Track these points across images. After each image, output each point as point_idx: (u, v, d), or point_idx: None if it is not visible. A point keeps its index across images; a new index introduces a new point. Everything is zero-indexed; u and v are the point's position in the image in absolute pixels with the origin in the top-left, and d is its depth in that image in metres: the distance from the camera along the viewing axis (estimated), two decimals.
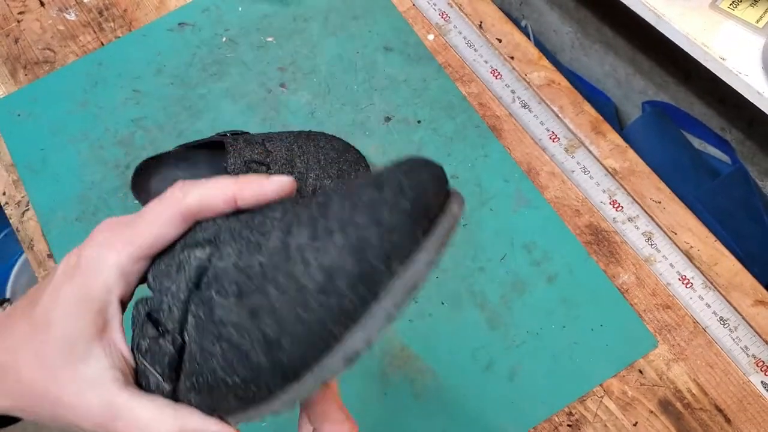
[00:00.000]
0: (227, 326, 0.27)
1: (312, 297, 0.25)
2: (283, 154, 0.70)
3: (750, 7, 0.64)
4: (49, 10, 0.90)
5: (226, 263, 0.28)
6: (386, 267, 0.25)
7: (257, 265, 0.27)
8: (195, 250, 0.29)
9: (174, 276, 0.29)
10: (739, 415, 0.63)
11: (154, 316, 0.29)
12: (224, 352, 0.27)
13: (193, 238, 0.30)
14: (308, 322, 0.26)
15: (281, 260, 0.27)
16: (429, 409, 0.65)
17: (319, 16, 0.86)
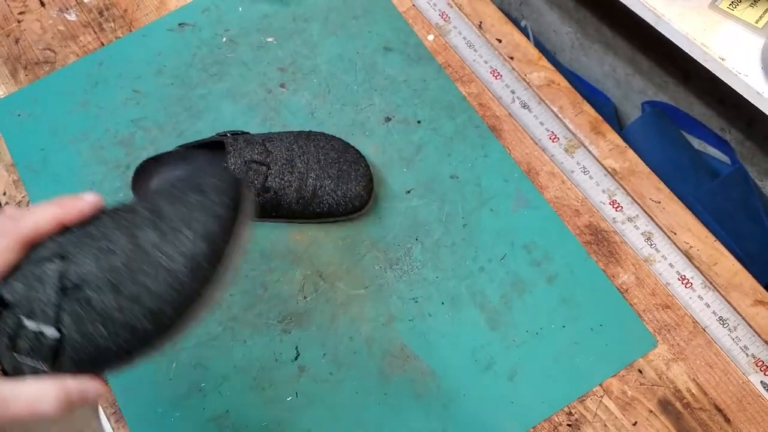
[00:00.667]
0: (112, 312, 0.37)
1: (183, 275, 0.37)
2: (283, 154, 0.70)
3: (750, 7, 0.64)
4: (49, 11, 0.90)
5: (87, 269, 0.37)
6: (225, 242, 0.38)
7: (120, 264, 0.37)
8: (48, 264, 0.37)
9: (37, 287, 0.36)
10: (738, 415, 0.63)
11: (24, 322, 0.36)
12: (111, 331, 0.37)
13: (38, 255, 0.37)
14: (182, 293, 0.37)
15: (141, 256, 0.37)
16: (429, 409, 0.65)
17: (319, 16, 0.86)
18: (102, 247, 0.38)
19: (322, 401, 0.66)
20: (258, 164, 0.69)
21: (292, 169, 0.69)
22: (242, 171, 0.68)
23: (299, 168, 0.70)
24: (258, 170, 0.69)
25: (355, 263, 0.71)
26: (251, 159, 0.69)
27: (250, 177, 0.68)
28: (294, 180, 0.69)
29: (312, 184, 0.69)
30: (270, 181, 0.68)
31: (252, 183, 0.68)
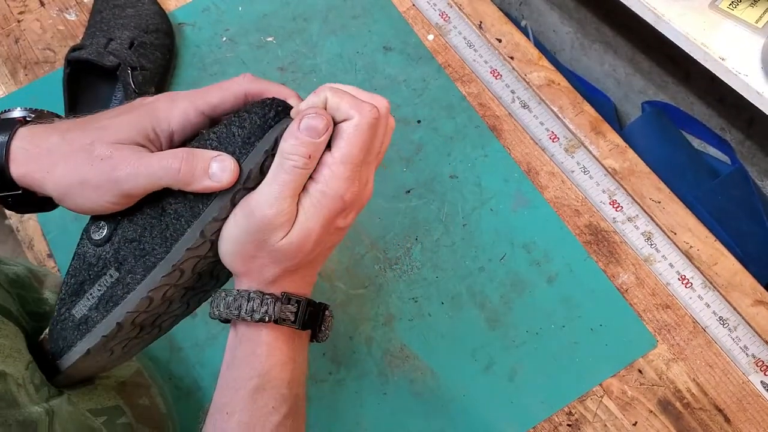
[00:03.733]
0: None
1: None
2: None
3: (750, 7, 0.64)
4: (49, 10, 0.90)
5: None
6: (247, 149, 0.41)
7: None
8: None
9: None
10: (738, 415, 0.63)
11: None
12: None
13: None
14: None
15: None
16: (429, 409, 0.65)
17: (319, 15, 0.86)
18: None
19: (322, 401, 0.66)
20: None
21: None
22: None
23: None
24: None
25: (355, 263, 0.71)
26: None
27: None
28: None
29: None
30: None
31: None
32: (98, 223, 0.42)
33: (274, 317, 0.41)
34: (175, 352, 0.68)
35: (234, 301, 0.41)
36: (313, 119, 0.38)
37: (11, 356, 0.42)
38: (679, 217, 0.72)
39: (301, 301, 0.42)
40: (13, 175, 0.41)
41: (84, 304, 0.43)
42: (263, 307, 0.41)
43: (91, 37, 0.79)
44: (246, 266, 0.41)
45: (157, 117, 0.41)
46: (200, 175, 0.39)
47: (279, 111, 0.41)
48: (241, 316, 0.41)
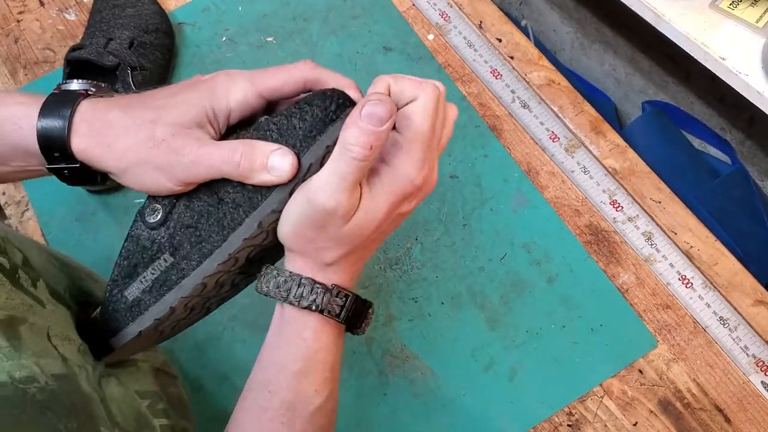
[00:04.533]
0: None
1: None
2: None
3: (750, 6, 0.63)
4: (48, 10, 0.90)
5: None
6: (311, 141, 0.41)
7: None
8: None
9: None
10: (739, 415, 0.63)
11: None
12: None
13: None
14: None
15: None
16: (429, 409, 0.65)
17: (319, 15, 0.86)
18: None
19: None
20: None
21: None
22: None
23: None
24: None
25: None
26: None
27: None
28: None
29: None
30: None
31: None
32: (153, 206, 0.42)
33: (321, 307, 0.41)
34: (177, 352, 0.68)
35: (284, 282, 0.41)
36: (375, 106, 0.36)
37: (67, 339, 0.42)
38: (679, 217, 0.72)
39: (350, 295, 0.42)
40: (74, 148, 0.40)
41: (137, 286, 0.43)
42: (312, 295, 0.41)
43: (91, 36, 0.79)
44: (303, 247, 0.41)
45: (217, 96, 0.41)
46: (259, 168, 0.39)
47: (340, 104, 0.40)
48: (289, 300, 0.41)
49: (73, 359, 0.41)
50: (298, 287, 0.41)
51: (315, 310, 0.41)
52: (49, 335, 0.40)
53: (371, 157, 0.37)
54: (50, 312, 0.43)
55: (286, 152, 0.39)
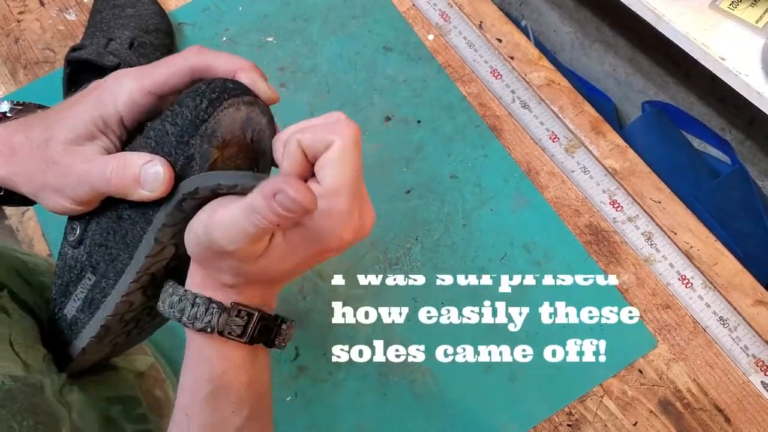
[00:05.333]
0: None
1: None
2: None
3: (750, 7, 0.64)
4: (49, 10, 0.90)
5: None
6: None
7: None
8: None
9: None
10: (738, 415, 0.63)
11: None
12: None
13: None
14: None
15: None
16: (429, 409, 0.65)
17: (319, 16, 0.86)
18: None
19: (321, 401, 0.65)
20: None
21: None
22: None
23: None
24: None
25: (355, 263, 0.71)
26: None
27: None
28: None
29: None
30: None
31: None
32: (72, 224, 0.42)
33: (218, 329, 0.37)
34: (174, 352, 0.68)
35: (178, 302, 0.37)
36: (290, 194, 0.31)
37: (33, 348, 0.42)
38: (679, 217, 0.72)
39: (254, 314, 0.38)
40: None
41: (72, 305, 0.42)
42: (207, 316, 0.37)
43: (91, 37, 0.79)
44: (205, 262, 0.37)
45: (104, 104, 0.38)
46: (132, 184, 0.36)
47: (213, 99, 0.36)
48: (183, 321, 0.37)
49: (36, 366, 0.41)
50: (192, 307, 0.37)
51: (212, 332, 0.37)
52: (11, 342, 0.40)
53: (280, 227, 0.33)
54: (16, 321, 0.43)
55: (157, 164, 0.36)
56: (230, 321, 0.37)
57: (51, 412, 0.39)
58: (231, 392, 0.38)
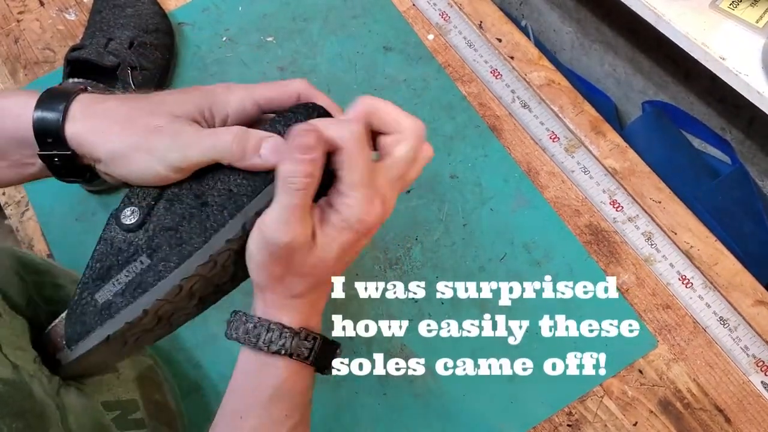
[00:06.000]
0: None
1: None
2: None
3: (750, 7, 0.64)
4: (48, 10, 0.90)
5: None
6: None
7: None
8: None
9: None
10: (739, 415, 0.63)
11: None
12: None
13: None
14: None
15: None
16: (429, 409, 0.65)
17: (319, 15, 0.86)
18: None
19: (322, 401, 0.65)
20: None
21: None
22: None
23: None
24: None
25: (355, 263, 0.71)
26: None
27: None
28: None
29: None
30: None
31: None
32: (130, 208, 0.43)
33: (290, 351, 0.42)
34: (174, 352, 0.68)
35: (254, 328, 0.42)
36: (301, 136, 0.38)
37: (21, 349, 0.42)
38: (679, 217, 0.72)
39: (318, 338, 0.43)
40: (67, 134, 0.41)
41: (109, 289, 0.42)
42: (281, 340, 0.42)
43: (91, 36, 0.79)
44: (272, 283, 0.42)
45: (216, 99, 0.42)
46: (251, 151, 0.40)
47: (321, 114, 0.42)
48: (258, 346, 0.42)
49: (27, 368, 0.41)
50: (267, 332, 0.42)
51: (284, 354, 0.42)
52: (0, 344, 0.41)
53: (312, 182, 0.39)
54: (6, 322, 0.43)
55: (278, 140, 0.40)
56: (300, 344, 0.43)
57: (41, 415, 0.39)
58: (289, 397, 0.43)
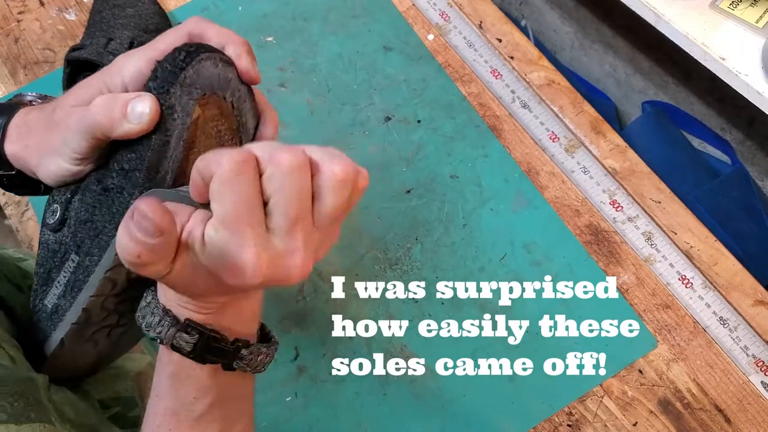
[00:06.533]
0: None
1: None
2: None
3: (750, 7, 0.64)
4: (48, 10, 0.90)
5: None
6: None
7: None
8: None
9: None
10: (739, 415, 0.63)
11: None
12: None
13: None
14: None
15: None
16: (429, 409, 0.65)
17: (319, 15, 0.86)
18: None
19: (321, 401, 0.66)
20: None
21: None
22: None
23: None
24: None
25: (355, 263, 0.71)
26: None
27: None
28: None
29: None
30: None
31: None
32: (51, 207, 0.42)
33: (167, 342, 0.37)
34: None
35: (141, 308, 0.38)
36: (141, 221, 0.32)
37: (16, 346, 0.42)
38: (679, 217, 0.72)
39: (205, 333, 0.37)
40: (8, 154, 0.41)
41: (53, 293, 0.42)
42: (159, 327, 0.37)
43: (91, 36, 0.79)
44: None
45: (110, 74, 0.40)
46: (119, 117, 0.37)
47: (191, 51, 0.38)
48: (142, 327, 0.38)
49: (22, 362, 0.41)
50: (151, 315, 0.38)
51: (162, 344, 0.38)
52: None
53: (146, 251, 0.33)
54: (2, 321, 0.43)
55: (145, 97, 0.37)
56: (179, 336, 0.37)
57: (40, 399, 0.39)
58: (192, 378, 0.39)
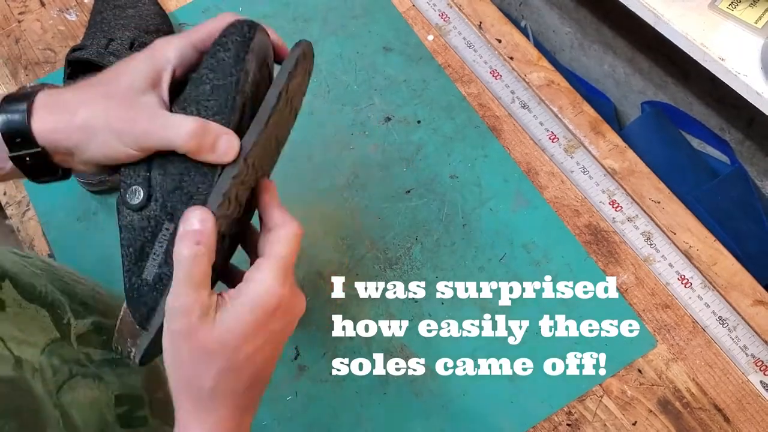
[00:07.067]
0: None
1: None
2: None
3: (749, 7, 0.64)
4: (49, 11, 0.90)
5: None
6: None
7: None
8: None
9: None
10: (738, 415, 0.63)
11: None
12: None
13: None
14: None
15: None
16: (429, 409, 0.65)
17: (319, 16, 0.86)
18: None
19: (321, 401, 0.66)
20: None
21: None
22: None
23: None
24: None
25: (355, 263, 0.72)
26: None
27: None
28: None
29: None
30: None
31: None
32: (131, 189, 0.43)
33: None
34: None
35: None
36: (191, 226, 0.39)
37: (26, 342, 0.42)
38: (678, 217, 0.72)
39: None
40: (36, 130, 0.41)
41: (152, 264, 0.43)
42: None
43: (92, 37, 0.79)
44: (182, 384, 0.40)
45: (156, 58, 0.43)
46: (208, 149, 0.40)
47: (252, 25, 0.43)
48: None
49: (33, 360, 0.41)
50: None
51: None
52: (3, 339, 0.40)
53: (204, 250, 0.39)
54: (12, 314, 0.43)
55: (233, 138, 0.41)
56: None
57: (38, 413, 0.39)
58: None
